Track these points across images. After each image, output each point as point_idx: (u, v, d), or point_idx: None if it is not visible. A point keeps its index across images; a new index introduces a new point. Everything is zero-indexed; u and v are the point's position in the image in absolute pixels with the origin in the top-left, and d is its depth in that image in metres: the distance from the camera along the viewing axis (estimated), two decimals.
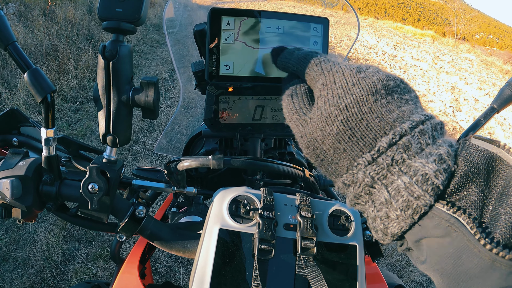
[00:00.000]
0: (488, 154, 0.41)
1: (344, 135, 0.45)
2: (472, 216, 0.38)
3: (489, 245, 0.36)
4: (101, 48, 0.66)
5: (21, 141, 0.97)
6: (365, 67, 0.49)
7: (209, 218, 0.72)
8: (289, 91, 0.56)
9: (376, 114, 0.44)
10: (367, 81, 0.46)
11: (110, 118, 0.69)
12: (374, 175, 0.43)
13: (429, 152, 0.41)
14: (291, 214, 0.74)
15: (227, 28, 0.78)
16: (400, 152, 0.41)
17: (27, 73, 0.67)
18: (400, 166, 0.41)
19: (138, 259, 1.05)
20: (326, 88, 0.48)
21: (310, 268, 0.67)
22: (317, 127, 0.48)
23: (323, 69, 0.51)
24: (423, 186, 0.39)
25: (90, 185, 0.71)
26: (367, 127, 0.44)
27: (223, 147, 1.13)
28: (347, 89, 0.46)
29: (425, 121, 0.43)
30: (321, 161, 0.49)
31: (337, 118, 0.45)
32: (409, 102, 0.46)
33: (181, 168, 0.83)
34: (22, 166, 0.74)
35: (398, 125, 0.43)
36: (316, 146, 0.49)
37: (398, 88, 0.47)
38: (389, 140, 0.42)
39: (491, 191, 0.39)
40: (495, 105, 1.00)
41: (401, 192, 0.41)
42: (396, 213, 0.41)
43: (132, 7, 0.65)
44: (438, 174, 0.39)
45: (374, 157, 0.43)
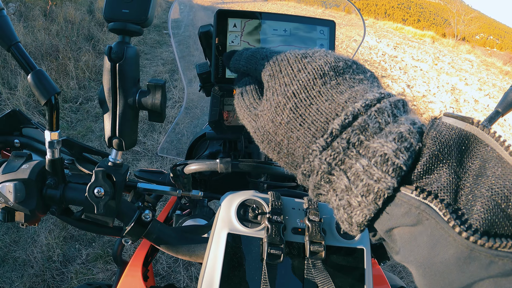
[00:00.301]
0: (460, 132, 0.37)
1: (295, 122, 0.43)
2: (445, 201, 0.35)
3: (465, 233, 0.33)
4: (107, 49, 0.64)
5: (23, 143, 0.96)
6: (312, 52, 0.48)
7: (216, 222, 0.71)
8: (239, 89, 0.55)
9: (326, 97, 0.42)
10: (313, 65, 0.45)
11: (116, 121, 0.68)
12: (330, 160, 0.40)
13: (389, 131, 0.38)
14: (299, 218, 0.73)
15: (234, 30, 0.77)
16: (356, 134, 0.39)
17: (31, 75, 0.66)
18: (358, 149, 0.39)
19: (141, 262, 1.04)
20: (273, 78, 0.47)
21: (319, 272, 0.67)
22: (268, 119, 0.46)
23: (269, 61, 0.49)
24: (382, 168, 0.36)
25: (96, 189, 0.70)
26: (317, 111, 0.42)
27: (227, 149, 1.12)
28: (293, 75, 0.45)
29: (381, 99, 0.40)
30: (278, 153, 0.47)
31: (286, 106, 0.44)
32: (364, 82, 0.44)
33: (188, 172, 0.82)
34: (26, 169, 0.73)
35: (350, 105, 0.40)
36: (270, 139, 0.47)
37: (350, 69, 0.45)
38: (341, 121, 0.39)
39: (465, 172, 0.36)
40: (499, 109, 1.00)
41: (360, 176, 0.38)
42: (358, 199, 0.38)
43: (139, 8, 0.64)
44: (399, 153, 0.36)
45: (328, 141, 0.40)
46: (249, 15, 0.77)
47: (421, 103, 8.76)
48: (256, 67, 0.52)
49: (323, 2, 2.65)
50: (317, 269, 0.67)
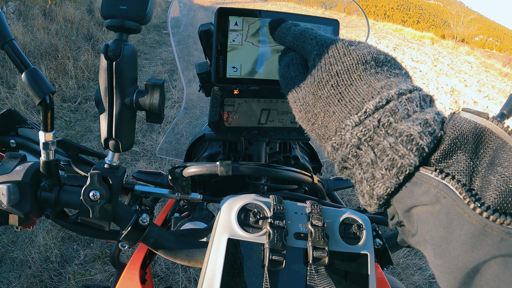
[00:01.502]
0: (476, 125, 0.41)
1: (334, 98, 0.48)
2: (461, 182, 0.38)
3: (479, 209, 0.36)
4: (104, 47, 0.62)
5: (19, 143, 0.95)
6: (357, 42, 0.52)
7: (216, 227, 0.69)
8: (286, 61, 0.59)
9: (365, 81, 0.47)
10: (358, 52, 0.49)
11: (113, 122, 0.66)
12: (360, 136, 0.44)
13: (416, 117, 0.42)
14: (301, 223, 0.71)
15: (235, 29, 0.75)
16: (386, 116, 0.43)
17: (25, 73, 0.64)
18: (387, 129, 0.42)
19: (139, 265, 1.03)
20: (319, 57, 0.52)
21: (322, 279, 0.65)
22: (309, 91, 0.51)
23: (318, 42, 0.54)
24: (407, 146, 0.40)
25: (91, 193, 0.68)
26: (355, 91, 0.47)
27: (227, 150, 1.10)
28: (339, 58, 0.50)
29: (413, 91, 0.45)
30: (312, 124, 0.52)
31: (328, 82, 0.49)
32: (399, 76, 0.49)
33: (187, 175, 0.80)
34: (20, 171, 0.70)
35: (385, 91, 0.45)
36: (308, 110, 0.52)
37: (389, 63, 0.50)
38: (376, 103, 0.44)
39: (480, 159, 0.39)
40: (505, 111, 0.98)
41: (387, 151, 0.42)
42: (381, 172, 0.42)
43: (137, 5, 0.62)
44: (423, 136, 0.40)
45: (361, 119, 0.44)
46: (251, 13, 0.75)
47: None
48: (304, 45, 0.56)
49: (322, 3, 2.63)
50: (320, 276, 0.65)
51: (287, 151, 1.16)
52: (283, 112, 0.93)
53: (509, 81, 15.89)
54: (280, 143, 1.14)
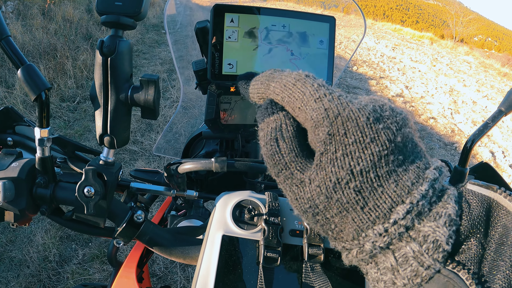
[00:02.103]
0: (487, 201, 0.37)
1: (356, 205, 0.36)
2: (472, 270, 0.35)
3: None
4: (99, 43, 0.62)
5: (16, 141, 0.94)
6: (380, 107, 0.38)
7: (211, 224, 0.69)
8: (271, 131, 0.41)
9: (393, 178, 0.36)
10: (387, 134, 0.36)
11: (108, 118, 0.66)
12: (383, 246, 0.36)
13: (437, 212, 0.35)
14: (297, 220, 0.71)
15: (231, 26, 0.75)
16: (413, 220, 0.35)
17: (21, 70, 0.64)
18: (409, 232, 0.35)
19: (135, 263, 1.03)
20: (334, 142, 0.37)
21: (318, 276, 0.64)
22: (320, 192, 0.38)
23: (328, 110, 0.37)
24: (434, 255, 0.34)
25: (86, 189, 0.68)
26: (382, 194, 0.36)
27: (224, 148, 1.10)
28: (363, 146, 0.36)
29: (436, 180, 0.36)
30: (321, 226, 0.40)
31: (348, 184, 0.36)
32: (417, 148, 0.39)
33: (182, 171, 0.80)
34: (15, 168, 0.70)
35: (415, 189, 0.35)
36: (317, 213, 0.39)
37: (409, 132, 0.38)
38: (406, 209, 0.35)
39: (489, 242, 0.36)
40: (502, 108, 0.98)
41: (410, 261, 0.35)
42: (404, 281, 0.36)
43: (132, 1, 0.62)
44: (449, 240, 0.34)
45: (386, 228, 0.36)
46: (247, 10, 0.75)
47: (419, 104, 8.76)
48: (301, 107, 0.39)
49: (322, 3, 2.63)
50: (315, 273, 0.65)
51: None
52: None
53: (508, 81, 15.89)
54: None
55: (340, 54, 6.55)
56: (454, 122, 8.07)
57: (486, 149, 6.87)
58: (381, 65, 12.36)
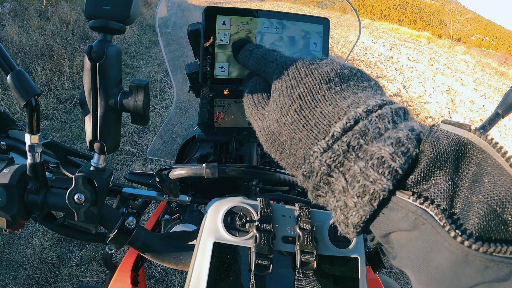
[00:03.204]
0: (458, 139, 0.38)
1: (299, 123, 0.45)
2: (441, 206, 0.35)
3: (460, 237, 0.33)
4: (87, 48, 0.61)
5: (9, 145, 0.93)
6: (319, 59, 0.50)
7: (202, 230, 0.68)
8: (249, 88, 0.57)
9: (330, 101, 0.44)
10: (320, 71, 0.47)
11: (98, 124, 0.65)
12: (330, 162, 0.41)
13: (388, 136, 0.39)
14: (289, 226, 0.70)
15: (223, 28, 0.74)
16: (356, 138, 0.40)
17: (10, 75, 0.64)
18: (357, 152, 0.40)
19: (130, 267, 1.02)
20: (280, 81, 0.49)
21: (310, 283, 0.64)
22: (273, 119, 0.48)
23: (278, 64, 0.52)
24: (379, 170, 0.37)
25: (76, 196, 0.67)
26: (321, 114, 0.44)
27: (218, 151, 1.09)
28: (300, 79, 0.47)
29: (383, 106, 0.42)
30: (280, 154, 0.49)
31: (291, 107, 0.46)
32: (367, 89, 0.46)
33: (173, 177, 0.79)
34: (6, 174, 0.70)
35: (352, 110, 0.42)
36: (274, 139, 0.49)
37: (355, 77, 0.47)
38: (343, 125, 0.41)
39: (462, 178, 0.36)
40: (500, 110, 0.98)
41: (357, 177, 0.39)
42: (354, 200, 0.39)
43: (120, 5, 0.61)
44: (395, 157, 0.37)
45: (329, 144, 0.41)
46: (239, 12, 0.74)
47: (417, 103, 8.77)
48: (265, 69, 0.55)
49: (319, 3, 2.63)
50: (308, 280, 0.64)
51: None
52: None
53: (505, 80, 15.94)
54: None
55: (337, 54, 6.55)
56: None
57: None
58: (379, 64, 12.38)
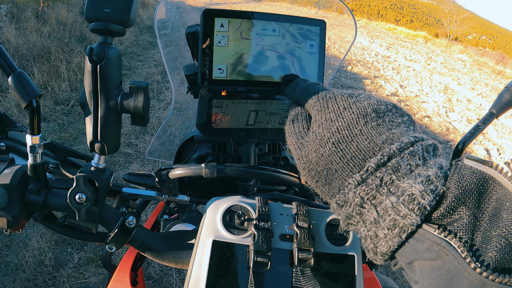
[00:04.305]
0: (480, 175, 0.41)
1: (336, 156, 0.47)
2: (463, 239, 0.38)
3: (479, 269, 0.36)
4: (88, 50, 0.62)
5: (9, 146, 0.94)
6: (357, 93, 0.52)
7: (202, 229, 0.69)
8: (291, 117, 0.60)
9: (366, 136, 0.46)
10: (358, 105, 0.49)
11: (98, 125, 0.66)
12: (363, 195, 0.44)
13: (418, 173, 0.41)
14: (287, 224, 0.72)
15: (221, 30, 0.75)
16: (389, 174, 0.42)
17: (12, 77, 0.64)
18: (389, 187, 0.42)
19: (129, 267, 1.03)
20: (320, 113, 0.52)
21: (308, 280, 0.65)
22: (312, 150, 0.51)
23: (319, 97, 0.54)
24: (409, 206, 0.40)
25: (77, 195, 0.68)
26: (357, 148, 0.46)
27: (216, 152, 1.10)
28: (339, 113, 0.50)
29: (415, 143, 0.44)
30: (316, 182, 0.51)
31: (329, 140, 0.48)
32: (401, 125, 0.48)
33: (173, 177, 0.80)
34: (7, 175, 0.70)
35: (386, 146, 0.44)
36: (311, 168, 0.51)
37: (390, 112, 0.49)
38: (377, 160, 0.43)
39: (483, 213, 0.39)
40: (494, 110, 0.99)
41: (389, 211, 0.41)
42: (384, 232, 0.42)
43: (121, 8, 0.61)
44: (425, 195, 0.39)
45: (363, 177, 0.44)
46: (237, 15, 0.75)
47: (414, 103, 8.79)
48: (307, 100, 0.57)
49: (316, 3, 2.64)
50: (306, 277, 0.65)
51: (276, 152, 1.16)
52: (271, 113, 0.93)
53: (502, 78, 15.97)
54: (269, 144, 1.14)
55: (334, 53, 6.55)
56: (449, 120, 8.09)
57: (481, 147, 6.89)
58: (376, 64, 12.39)
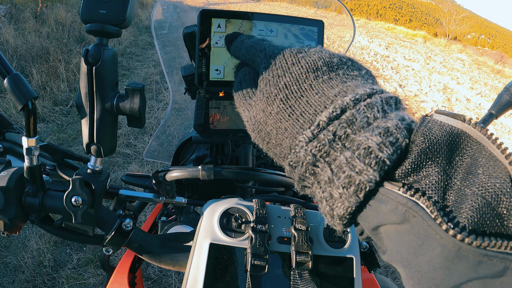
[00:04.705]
0: (451, 130, 0.37)
1: (284, 113, 0.44)
2: (433, 198, 0.34)
3: (452, 231, 0.32)
4: (84, 52, 0.62)
5: (6, 147, 0.94)
6: (307, 48, 0.49)
7: (199, 232, 0.69)
8: (238, 78, 0.57)
9: (317, 90, 0.43)
10: (307, 59, 0.46)
11: (94, 127, 0.66)
12: (315, 152, 0.40)
13: (377, 125, 0.38)
14: (285, 227, 0.71)
15: (218, 31, 0.75)
16: (343, 127, 0.39)
17: (7, 79, 0.64)
18: (344, 142, 0.39)
19: (127, 269, 1.03)
20: (267, 70, 0.49)
21: (306, 283, 0.65)
22: (259, 109, 0.48)
23: (266, 54, 0.51)
24: (365, 160, 0.36)
25: (73, 198, 0.68)
26: (307, 103, 0.43)
27: (214, 153, 1.10)
28: (286, 68, 0.46)
29: (373, 94, 0.41)
30: (267, 144, 0.48)
31: (277, 97, 0.45)
32: (357, 78, 0.45)
33: (170, 179, 0.80)
34: (4, 177, 0.70)
35: (339, 99, 0.41)
36: (260, 129, 0.48)
37: (345, 65, 0.46)
38: (329, 113, 0.39)
39: (455, 170, 0.35)
40: (493, 111, 0.99)
41: (343, 168, 0.38)
42: (339, 191, 0.38)
43: (116, 9, 0.62)
44: (383, 147, 0.36)
45: (315, 133, 0.40)
46: (234, 15, 0.75)
47: (413, 102, 8.80)
48: (254, 58, 0.54)
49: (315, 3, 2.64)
50: (304, 280, 0.65)
51: None
52: None
53: (502, 78, 15.99)
54: None
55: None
56: None
57: None
58: (375, 64, 12.41)
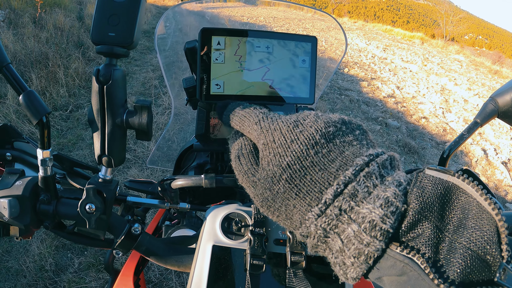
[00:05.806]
0: (442, 185, 0.41)
1: (291, 192, 0.46)
2: (426, 255, 0.38)
3: (442, 286, 0.36)
4: (95, 72, 0.67)
5: (15, 156, 0.97)
6: (302, 117, 0.50)
7: (202, 235, 0.75)
8: (236, 151, 0.57)
9: (319, 166, 0.45)
10: (305, 134, 0.47)
11: (105, 140, 0.71)
12: (325, 226, 0.43)
13: (377, 195, 0.41)
14: (281, 230, 0.76)
15: (218, 48, 0.79)
16: (347, 201, 0.42)
17: (22, 96, 0.68)
18: (349, 214, 0.42)
19: (132, 271, 1.06)
20: (267, 148, 0.50)
21: (300, 281, 0.69)
22: (265, 188, 0.49)
23: (262, 128, 0.52)
24: (371, 233, 0.39)
25: (87, 206, 0.72)
26: (311, 181, 0.45)
27: (214, 160, 1.14)
28: (287, 146, 0.47)
29: (370, 162, 0.44)
30: (277, 217, 0.50)
31: (281, 177, 0.47)
32: (353, 143, 0.47)
33: (175, 187, 0.85)
34: (19, 186, 0.75)
35: (341, 174, 0.43)
36: (269, 205, 0.50)
37: (340, 132, 0.48)
38: (334, 191, 0.42)
39: (446, 224, 0.39)
40: (478, 120, 0.99)
41: (352, 240, 0.41)
42: (351, 260, 0.42)
43: (124, 32, 0.66)
44: (386, 219, 0.39)
45: (322, 210, 0.43)
46: (233, 33, 0.79)
47: (411, 104, 8.78)
48: (250, 130, 0.55)
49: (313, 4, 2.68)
50: (298, 278, 0.70)
51: None
52: None
53: (499, 78, 15.91)
54: None
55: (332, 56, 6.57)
56: (446, 121, 8.09)
57: (478, 147, 6.89)
58: (372, 66, 12.37)
